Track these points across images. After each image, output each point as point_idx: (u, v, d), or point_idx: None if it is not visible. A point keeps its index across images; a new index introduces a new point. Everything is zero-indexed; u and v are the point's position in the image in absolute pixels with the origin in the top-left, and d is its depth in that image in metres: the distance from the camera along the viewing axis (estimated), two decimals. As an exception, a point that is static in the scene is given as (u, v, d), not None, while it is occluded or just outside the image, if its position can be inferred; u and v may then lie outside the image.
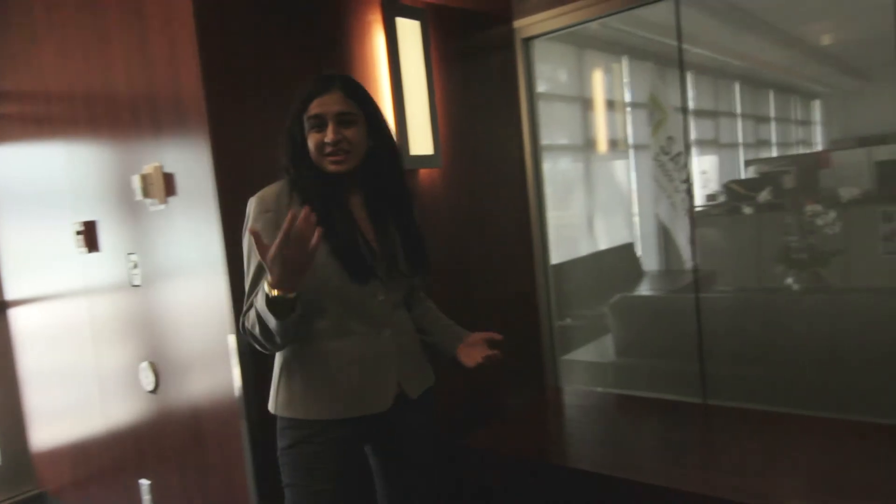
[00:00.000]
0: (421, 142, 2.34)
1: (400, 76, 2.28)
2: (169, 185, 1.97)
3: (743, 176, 6.43)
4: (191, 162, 1.88)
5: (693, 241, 4.39)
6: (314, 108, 1.40)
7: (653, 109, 5.04)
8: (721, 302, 2.92)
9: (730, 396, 2.56)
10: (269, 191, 1.46)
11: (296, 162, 1.44)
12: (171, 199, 1.97)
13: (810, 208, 3.93)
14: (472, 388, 2.55)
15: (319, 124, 1.40)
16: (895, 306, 2.80)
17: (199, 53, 1.79)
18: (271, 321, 1.29)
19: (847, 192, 4.02)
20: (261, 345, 1.39)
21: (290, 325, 1.31)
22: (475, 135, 2.65)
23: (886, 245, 4.01)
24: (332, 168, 1.41)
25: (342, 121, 1.40)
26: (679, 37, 3.07)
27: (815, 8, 5.51)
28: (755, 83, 8.12)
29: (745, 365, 2.65)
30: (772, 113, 8.75)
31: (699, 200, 5.13)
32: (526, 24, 2.83)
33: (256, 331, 1.35)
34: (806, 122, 9.82)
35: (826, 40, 6.84)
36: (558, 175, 4.35)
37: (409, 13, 2.32)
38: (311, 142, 1.41)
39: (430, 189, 2.43)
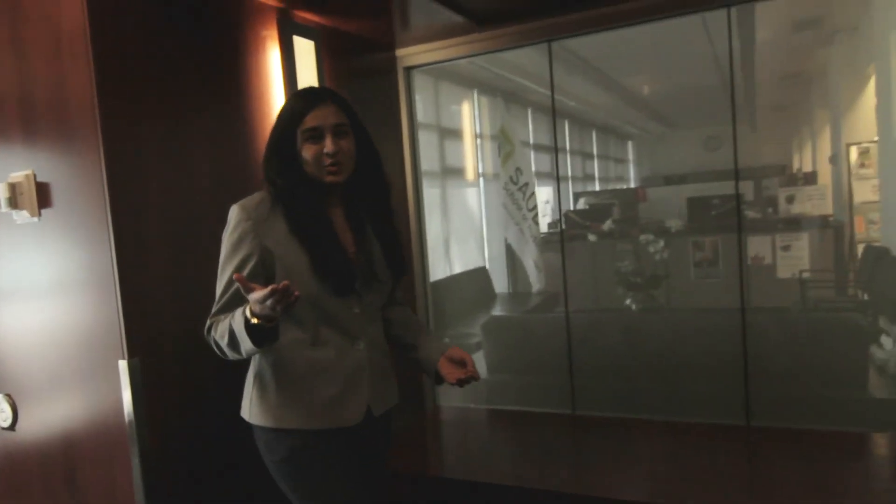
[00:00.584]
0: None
1: (296, 94, 2.26)
2: (43, 195, 1.77)
3: (572, 207, 7.08)
4: (75, 170, 1.71)
5: (539, 266, 4.74)
6: (311, 120, 1.42)
7: (502, 142, 5.38)
8: (581, 320, 3.19)
9: (596, 407, 2.81)
10: (251, 200, 1.47)
11: (285, 174, 1.44)
12: (46, 212, 1.77)
13: (643, 237, 4.44)
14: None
15: (316, 136, 1.42)
16: (708, 323, 3.20)
17: (92, 54, 1.65)
18: (247, 345, 1.31)
19: (672, 224, 4.60)
20: (223, 353, 1.40)
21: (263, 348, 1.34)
22: (361, 157, 2.68)
23: (696, 270, 4.65)
24: (329, 179, 1.43)
25: (338, 132, 1.43)
26: (551, 80, 3.33)
27: (640, 61, 6.27)
28: (581, 122, 8.98)
29: (608, 377, 2.93)
30: (595, 150, 9.70)
31: (543, 228, 5.56)
32: (408, 54, 2.93)
33: (224, 342, 1.36)
34: (622, 161, 10.99)
35: (645, 90, 7.77)
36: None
37: (305, 32, 2.32)
38: (308, 153, 1.43)
39: (320, 209, 2.41)
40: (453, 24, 2.70)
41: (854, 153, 5.14)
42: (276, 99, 2.22)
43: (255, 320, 1.28)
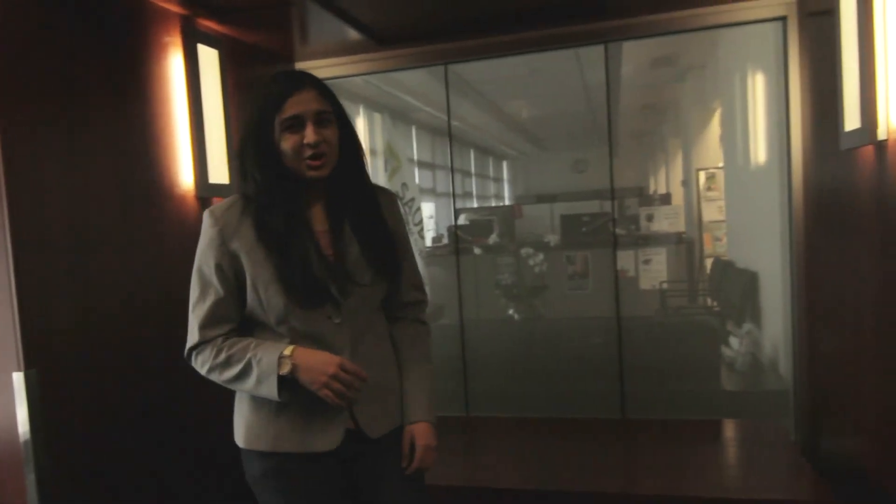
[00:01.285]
0: (218, 170, 2.32)
1: (200, 102, 2.24)
2: (-78, 197, 1.64)
3: (454, 222, 7.32)
4: (-36, 172, 1.61)
5: (425, 279, 4.89)
6: (291, 107, 1.26)
7: (389, 157, 5.50)
8: (471, 328, 3.36)
9: (488, 408, 2.98)
10: (221, 205, 1.33)
11: (261, 166, 1.29)
12: (-73, 215, 1.65)
13: (524, 251, 4.72)
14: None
15: (296, 125, 1.26)
16: (587, 330, 3.48)
17: None
18: (270, 391, 1.25)
19: (551, 238, 4.92)
20: (220, 380, 1.32)
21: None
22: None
23: (569, 283, 5.01)
24: (311, 174, 1.28)
25: (320, 120, 1.28)
26: (446, 99, 3.49)
27: (518, 87, 6.65)
28: (462, 142, 9.31)
29: (498, 381, 3.11)
30: (473, 169, 10.07)
31: (428, 242, 5.72)
32: (308, 67, 2.98)
33: (231, 374, 1.28)
34: (498, 179, 11.47)
35: (522, 114, 8.22)
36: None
37: (210, 41, 2.31)
38: (288, 144, 1.27)
39: (222, 218, 2.39)
40: (353, 41, 2.79)
41: (702, 177, 5.78)
42: (178, 105, 2.19)
43: (285, 368, 1.23)
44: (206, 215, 1.34)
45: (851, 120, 1.78)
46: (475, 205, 9.84)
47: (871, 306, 1.82)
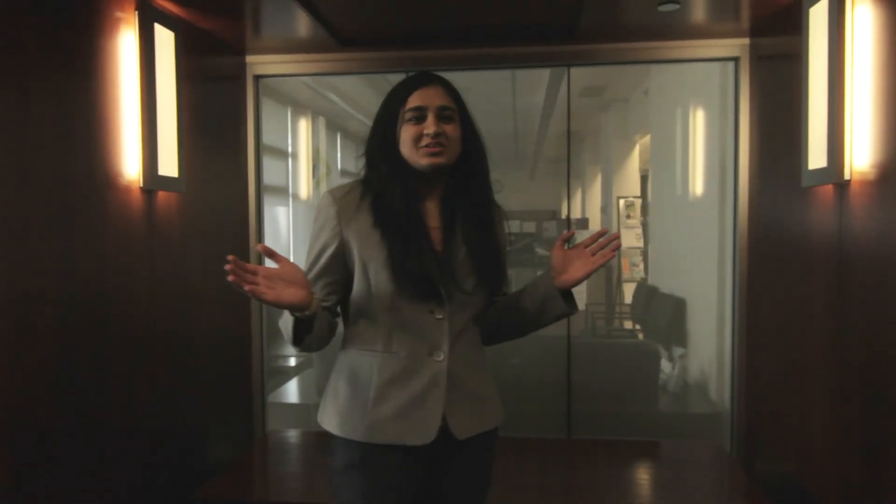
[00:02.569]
0: (168, 162, 2.13)
1: (154, 87, 2.06)
2: None
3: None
4: None
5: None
6: (415, 99, 1.31)
7: (318, 163, 5.34)
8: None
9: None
10: (342, 187, 1.36)
11: (384, 156, 1.34)
12: None
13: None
14: (190, 437, 2.33)
15: (419, 116, 1.30)
16: (508, 347, 3.46)
17: None
18: (287, 333, 1.25)
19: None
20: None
21: (310, 340, 1.26)
22: (210, 164, 2.50)
23: (493, 300, 5.04)
24: (426, 161, 1.30)
25: (443, 115, 1.31)
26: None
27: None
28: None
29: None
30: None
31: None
32: (258, 62, 2.83)
33: (287, 334, 1.26)
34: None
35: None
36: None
37: (167, 22, 2.13)
38: (408, 134, 1.31)
39: (166, 215, 2.20)
40: (312, 38, 2.67)
41: (622, 205, 6.03)
42: (127, 89, 1.99)
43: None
44: (325, 196, 1.36)
45: (816, 159, 1.88)
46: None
47: (819, 338, 1.92)
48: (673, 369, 3.29)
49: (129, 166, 2.01)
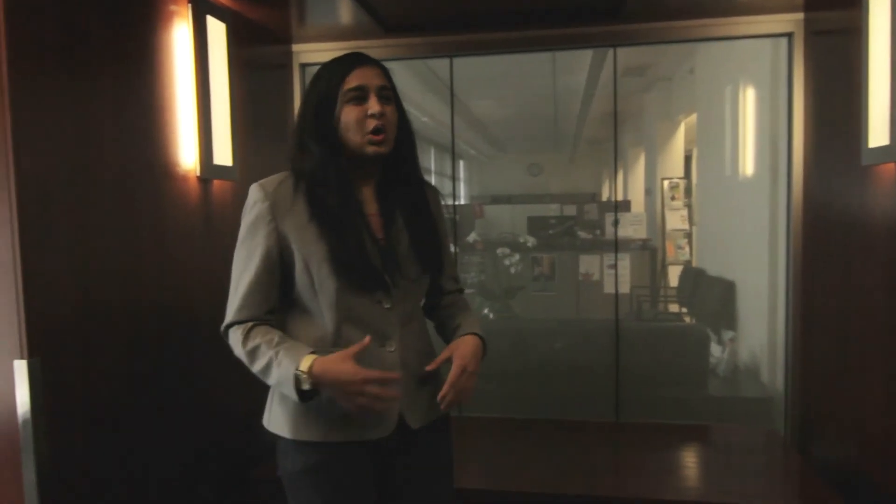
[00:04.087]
0: (222, 151, 2.18)
1: (208, 79, 2.11)
2: (-89, 162, 1.46)
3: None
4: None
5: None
6: (355, 78, 1.25)
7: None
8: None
9: (479, 409, 2.94)
10: (272, 179, 1.30)
11: (318, 138, 1.26)
12: (-84, 182, 1.46)
13: (501, 251, 4.71)
14: (249, 417, 2.41)
15: (361, 96, 1.25)
16: (542, 332, 3.46)
17: (5, 28, 1.41)
18: (288, 393, 1.20)
19: (528, 239, 4.92)
20: (247, 365, 1.26)
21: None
22: (260, 152, 2.55)
23: (535, 284, 5.03)
24: (370, 150, 1.25)
25: (383, 95, 1.27)
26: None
27: (486, 87, 6.64)
28: (423, 139, 9.24)
29: (491, 383, 3.07)
30: (432, 167, 10.05)
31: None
32: (304, 50, 2.86)
33: (256, 368, 1.23)
34: (455, 178, 11.44)
35: (489, 115, 8.23)
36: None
37: (218, 14, 2.17)
38: (350, 115, 1.24)
39: (221, 203, 2.26)
40: (356, 25, 2.69)
41: (666, 186, 5.92)
42: (183, 80, 2.05)
43: (307, 385, 1.18)
44: (254, 189, 1.31)
45: (877, 137, 1.82)
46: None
47: (879, 323, 1.87)
48: (723, 353, 3.24)
49: (186, 156, 2.06)
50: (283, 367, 1.19)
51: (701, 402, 2.97)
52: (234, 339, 1.27)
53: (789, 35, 2.53)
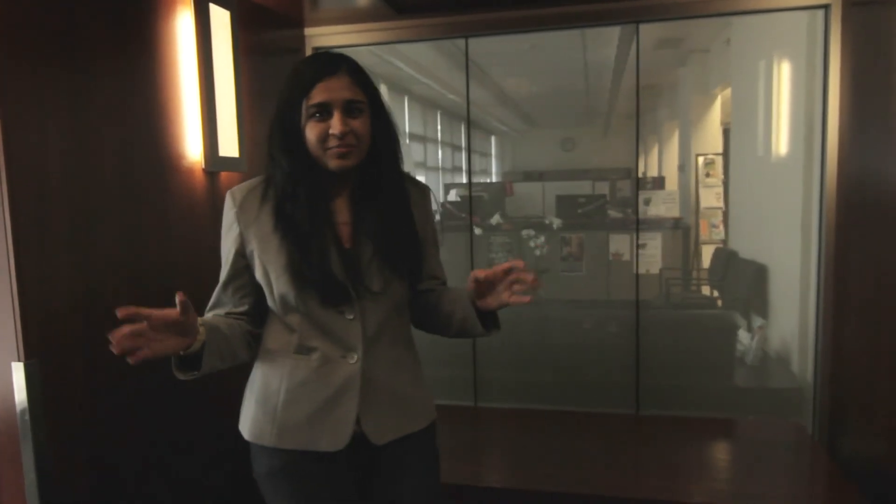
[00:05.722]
0: (228, 143, 2.15)
1: (212, 68, 2.07)
2: None
3: (443, 198, 7.19)
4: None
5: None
6: (318, 94, 1.18)
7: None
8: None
9: (497, 398, 2.90)
10: (243, 186, 1.28)
11: (287, 152, 1.22)
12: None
13: (525, 232, 4.62)
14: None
15: (323, 112, 1.19)
16: (575, 315, 3.39)
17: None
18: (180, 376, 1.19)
19: (553, 221, 4.82)
20: None
21: (205, 370, 1.20)
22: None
23: (562, 264, 4.93)
24: (334, 164, 1.20)
25: (350, 109, 1.20)
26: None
27: (516, 63, 6.50)
28: (452, 115, 9.14)
29: (509, 370, 3.03)
30: (463, 143, 9.90)
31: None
32: (317, 34, 2.80)
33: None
34: (485, 155, 11.37)
35: (519, 91, 8.07)
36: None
37: (221, 1, 2.13)
38: (312, 132, 1.19)
39: (229, 194, 2.23)
40: (369, 7, 2.62)
41: (701, 163, 5.71)
42: (186, 70, 2.01)
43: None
44: (227, 196, 1.31)
45: (915, 117, 1.69)
46: (463, 180, 9.70)
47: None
48: (752, 340, 3.12)
49: (192, 148, 2.04)
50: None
51: (727, 393, 2.87)
52: None
53: (826, 7, 2.36)
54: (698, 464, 2.28)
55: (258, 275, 1.28)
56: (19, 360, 1.45)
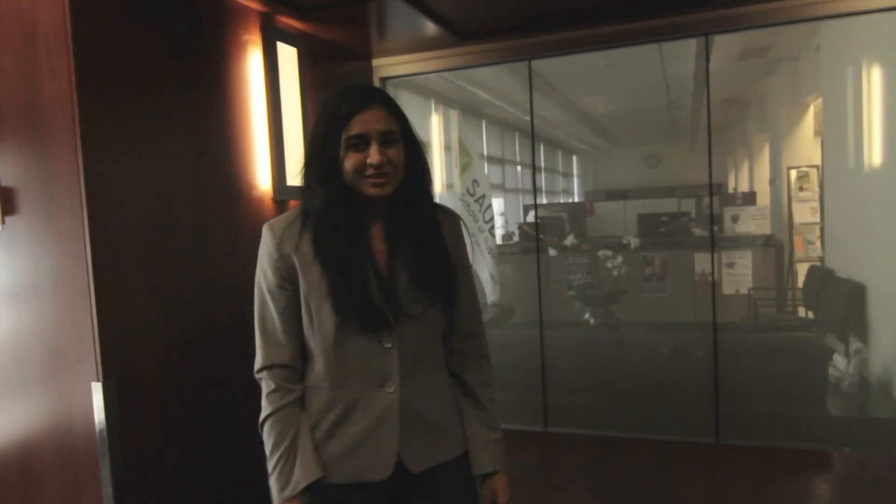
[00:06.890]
0: (295, 173, 2.24)
1: (279, 102, 2.18)
2: (7, 201, 1.63)
3: (523, 219, 7.15)
4: (47, 175, 1.59)
5: (495, 278, 4.76)
6: (356, 126, 1.22)
7: (459, 153, 5.35)
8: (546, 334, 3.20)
9: (568, 423, 2.83)
10: (281, 218, 1.30)
11: (325, 182, 1.25)
12: (12, 220, 1.63)
13: (602, 252, 4.52)
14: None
15: (360, 144, 1.23)
16: (659, 338, 3.25)
17: (73, 53, 1.53)
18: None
19: (632, 241, 4.69)
20: None
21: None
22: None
23: (646, 285, 4.76)
24: (371, 192, 1.24)
25: (386, 140, 1.24)
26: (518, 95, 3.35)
27: (592, 81, 6.41)
28: (527, 137, 9.11)
29: (581, 394, 2.95)
30: (542, 164, 9.87)
31: (498, 240, 5.57)
32: (384, 64, 2.89)
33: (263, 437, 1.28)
34: (567, 174, 11.22)
35: (597, 109, 7.96)
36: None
37: (288, 39, 2.24)
38: (350, 163, 1.23)
39: (298, 221, 2.33)
40: (432, 37, 2.67)
41: (793, 176, 5.39)
42: (256, 105, 2.13)
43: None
44: (265, 229, 1.31)
45: None
46: (544, 201, 9.64)
47: None
48: (848, 365, 2.89)
49: (262, 179, 2.15)
50: (282, 478, 1.26)
51: (818, 422, 2.66)
52: (265, 388, 1.30)
53: (916, 4, 2.20)
54: (786, 499, 2.12)
55: (302, 304, 1.28)
56: (98, 381, 1.56)
